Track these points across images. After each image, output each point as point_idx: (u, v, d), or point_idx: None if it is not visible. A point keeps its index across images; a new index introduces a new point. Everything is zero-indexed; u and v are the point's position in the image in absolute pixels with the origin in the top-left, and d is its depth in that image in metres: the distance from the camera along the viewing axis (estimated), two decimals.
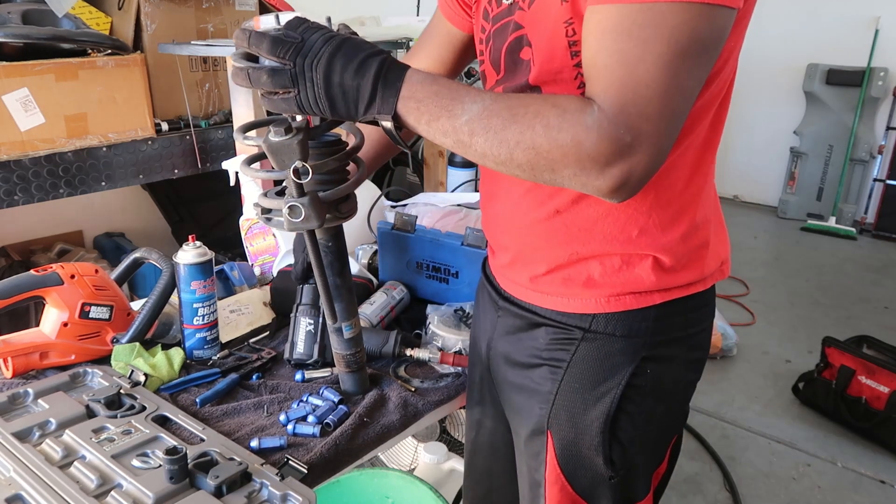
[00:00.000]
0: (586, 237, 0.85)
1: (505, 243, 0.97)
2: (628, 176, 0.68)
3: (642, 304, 0.86)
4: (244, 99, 1.91)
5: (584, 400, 0.89)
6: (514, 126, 0.69)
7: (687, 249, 0.86)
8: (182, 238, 1.87)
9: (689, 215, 0.86)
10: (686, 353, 0.91)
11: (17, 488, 0.80)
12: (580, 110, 0.67)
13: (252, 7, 2.37)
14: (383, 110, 0.72)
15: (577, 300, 0.88)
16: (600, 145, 0.66)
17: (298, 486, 0.82)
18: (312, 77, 0.71)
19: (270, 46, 0.70)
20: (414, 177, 3.51)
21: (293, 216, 0.81)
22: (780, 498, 2.32)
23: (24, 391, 1.01)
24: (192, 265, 1.14)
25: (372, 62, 0.71)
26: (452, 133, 0.72)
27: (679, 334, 0.89)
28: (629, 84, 0.66)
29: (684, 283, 0.87)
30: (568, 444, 0.91)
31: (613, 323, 0.87)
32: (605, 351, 0.88)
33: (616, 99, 0.66)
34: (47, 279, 1.11)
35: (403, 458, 1.86)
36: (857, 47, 4.95)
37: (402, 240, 1.44)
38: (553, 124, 0.68)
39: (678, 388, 0.94)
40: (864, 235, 5.04)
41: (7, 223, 2.44)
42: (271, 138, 0.78)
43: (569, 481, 0.92)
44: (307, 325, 1.15)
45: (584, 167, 0.68)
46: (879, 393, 2.55)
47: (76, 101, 1.86)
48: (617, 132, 0.66)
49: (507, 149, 0.70)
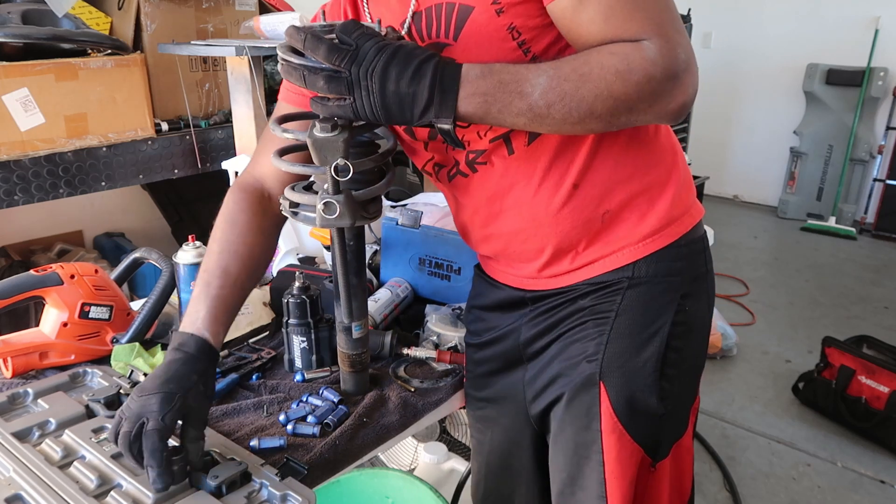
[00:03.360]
0: (607, 193, 0.91)
1: (532, 252, 0.96)
2: (691, 91, 0.76)
3: (674, 236, 0.92)
4: (244, 99, 1.91)
5: (635, 344, 0.92)
6: (587, 84, 0.73)
7: (680, 176, 0.95)
8: (182, 238, 1.87)
9: (677, 150, 0.96)
10: (708, 289, 0.98)
11: (17, 488, 0.80)
12: (637, 49, 0.73)
13: (252, 7, 2.37)
14: (442, 114, 0.74)
15: (616, 257, 0.92)
16: (668, 70, 0.74)
17: (298, 486, 0.82)
18: (369, 86, 0.72)
19: (327, 53, 0.71)
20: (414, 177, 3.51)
21: (328, 212, 0.82)
22: (780, 498, 2.32)
23: (23, 391, 1.01)
24: (192, 265, 1.14)
25: (426, 68, 0.72)
26: (527, 111, 0.75)
27: (702, 270, 0.97)
28: (656, 18, 0.75)
29: (690, 205, 0.96)
30: (622, 389, 0.92)
31: (654, 265, 0.92)
32: (652, 293, 0.92)
33: (656, 31, 0.74)
34: (47, 279, 1.11)
35: (403, 458, 1.86)
36: (857, 47, 4.95)
37: (406, 236, 1.44)
38: (622, 69, 0.73)
39: (705, 323, 1.00)
40: (864, 235, 5.04)
41: (7, 223, 2.44)
42: (317, 133, 0.79)
43: (625, 427, 0.93)
44: (300, 342, 1.15)
45: (660, 96, 0.75)
46: (879, 393, 2.55)
47: (76, 101, 1.86)
48: (675, 54, 0.74)
49: (588, 105, 0.74)
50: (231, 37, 2.32)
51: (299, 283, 1.16)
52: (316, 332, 1.15)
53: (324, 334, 1.16)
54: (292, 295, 1.15)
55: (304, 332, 1.15)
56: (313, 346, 1.15)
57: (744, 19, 5.40)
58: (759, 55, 5.38)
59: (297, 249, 1.58)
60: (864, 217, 5.16)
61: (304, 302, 1.14)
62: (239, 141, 2.02)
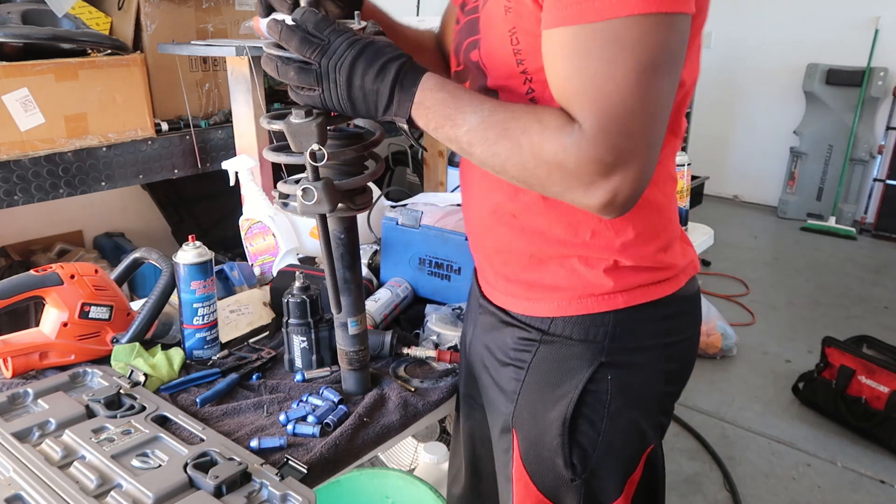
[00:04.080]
0: (542, 241, 0.87)
1: (479, 246, 0.99)
2: (614, 195, 0.69)
3: (603, 308, 0.86)
4: (244, 99, 1.91)
5: (544, 401, 0.90)
6: (504, 141, 0.71)
7: (645, 252, 0.86)
8: (182, 238, 1.87)
9: (645, 218, 0.85)
10: (662, 364, 0.89)
11: (17, 488, 0.80)
12: (560, 129, 0.69)
13: (252, 7, 2.37)
14: (399, 113, 0.75)
15: (539, 303, 0.89)
16: (580, 166, 0.68)
17: (298, 486, 0.82)
18: (336, 79, 0.74)
19: (299, 45, 0.74)
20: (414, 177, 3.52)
21: (306, 198, 0.83)
22: (780, 498, 2.32)
23: (23, 391, 1.01)
24: (192, 265, 1.14)
25: (390, 68, 0.74)
26: (454, 141, 0.75)
27: (649, 342, 0.88)
28: (604, 103, 0.67)
29: (645, 282, 0.86)
30: (531, 443, 0.92)
31: (570, 327, 0.87)
32: (563, 354, 0.88)
33: (594, 120, 0.67)
34: (47, 279, 1.11)
35: (403, 458, 1.86)
36: (857, 47, 4.95)
37: (407, 236, 1.44)
38: (536, 142, 0.69)
39: (649, 399, 0.91)
40: (863, 235, 5.04)
41: (7, 223, 2.44)
42: (292, 120, 0.81)
43: (532, 480, 0.93)
44: (300, 342, 1.15)
45: (570, 185, 0.70)
46: (879, 393, 2.55)
47: (76, 101, 1.86)
48: (597, 153, 0.67)
49: (500, 162, 0.73)
50: (231, 37, 2.32)
51: (299, 283, 1.16)
52: (316, 332, 1.15)
53: (324, 334, 1.16)
54: (292, 295, 1.15)
55: (304, 332, 1.15)
56: (313, 346, 1.15)
57: (744, 19, 5.40)
58: (759, 55, 5.38)
59: (297, 249, 1.58)
60: (864, 217, 5.16)
61: (304, 302, 1.14)
62: (239, 141, 2.02)
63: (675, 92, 0.72)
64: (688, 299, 0.92)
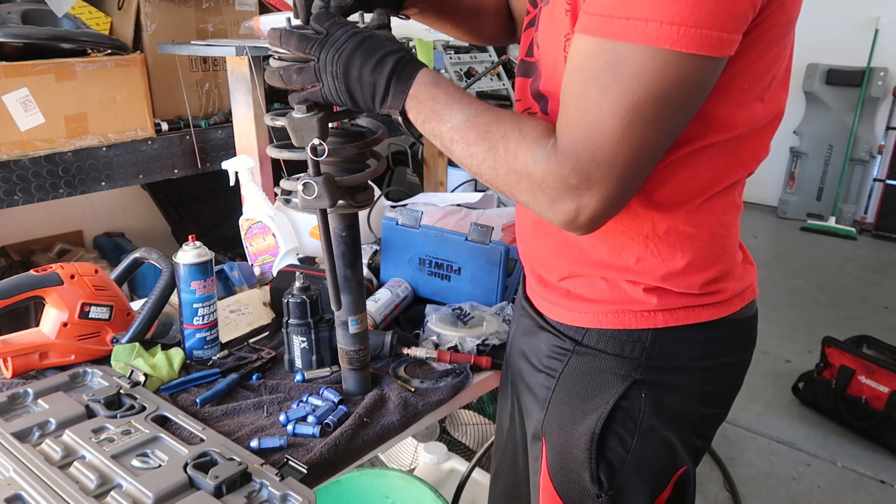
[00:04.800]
0: (583, 259, 0.85)
1: (524, 250, 0.99)
2: (576, 214, 0.69)
3: (640, 325, 0.83)
4: (244, 99, 1.91)
5: (573, 413, 0.88)
6: (483, 143, 0.72)
7: (695, 281, 0.82)
8: (182, 238, 1.87)
9: (699, 248, 0.81)
10: (699, 385, 0.86)
11: (17, 488, 0.80)
12: (536, 141, 0.69)
13: (252, 7, 2.37)
14: (393, 105, 0.75)
15: (575, 313, 0.88)
16: (546, 180, 0.68)
17: (298, 487, 0.82)
18: (334, 71, 0.75)
19: (298, 43, 0.75)
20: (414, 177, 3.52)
21: (307, 193, 0.84)
22: (780, 498, 2.32)
23: (23, 391, 1.01)
24: (192, 265, 1.14)
25: (388, 60, 0.74)
26: (438, 137, 0.75)
27: (690, 363, 0.85)
28: (583, 128, 0.66)
29: (691, 304, 0.83)
30: (558, 454, 0.91)
31: (605, 340, 0.85)
32: (595, 367, 0.86)
33: (569, 140, 0.67)
34: (47, 279, 1.11)
35: (403, 458, 1.87)
36: (857, 47, 4.95)
37: (407, 236, 1.44)
38: (511, 149, 0.70)
39: (685, 420, 0.87)
40: (863, 235, 5.04)
41: (7, 223, 2.44)
42: (294, 115, 0.81)
43: (557, 491, 0.92)
44: (300, 342, 1.15)
45: (535, 197, 0.70)
46: (879, 393, 2.55)
47: (76, 101, 1.85)
48: (562, 171, 0.67)
49: (476, 163, 0.73)
50: (231, 37, 2.32)
51: (299, 283, 1.16)
52: (316, 332, 1.15)
53: (324, 334, 1.16)
54: (292, 295, 1.15)
55: (304, 332, 1.15)
56: (313, 346, 1.15)
57: None
58: None
59: (297, 249, 1.58)
60: (864, 217, 5.17)
61: (304, 302, 1.14)
62: (239, 141, 2.02)
63: (670, 137, 0.68)
64: (739, 323, 0.88)
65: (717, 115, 0.73)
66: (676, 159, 0.76)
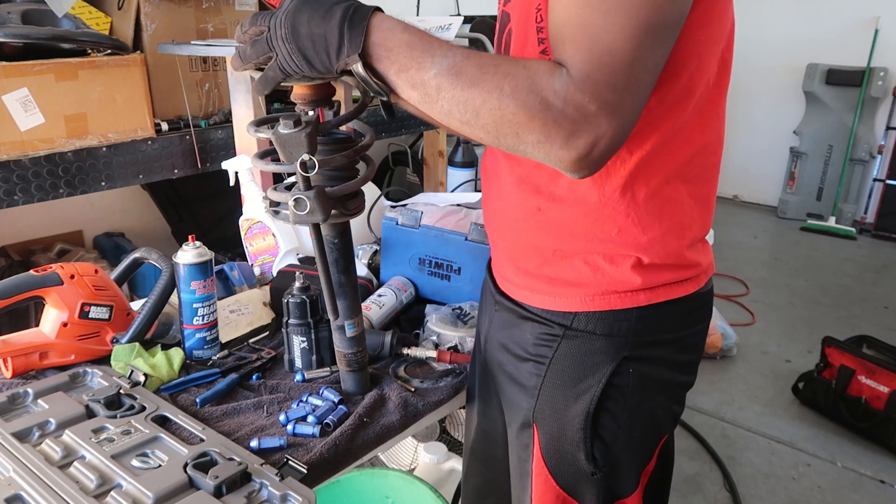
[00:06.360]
0: (567, 236, 0.87)
1: (498, 240, 0.99)
2: (592, 147, 0.67)
3: (626, 305, 0.86)
4: (244, 99, 1.91)
5: (566, 396, 0.90)
6: (482, 84, 0.68)
7: (671, 249, 0.86)
8: (182, 238, 1.87)
9: (672, 216, 0.84)
10: (674, 355, 0.91)
11: (17, 488, 0.80)
12: (549, 73, 0.67)
13: (252, 7, 2.37)
14: (351, 52, 0.71)
15: (561, 298, 0.89)
16: (566, 110, 0.66)
17: (298, 486, 0.82)
18: (283, 34, 0.73)
19: (252, 20, 0.75)
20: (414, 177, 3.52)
21: (298, 209, 0.82)
22: (780, 498, 2.32)
23: (23, 391, 1.01)
24: (192, 265, 1.14)
25: (336, 9, 0.72)
26: (420, 86, 0.71)
27: (668, 336, 0.90)
28: (595, 53, 0.66)
29: (670, 280, 0.87)
30: (552, 438, 0.92)
31: (594, 322, 0.87)
32: (586, 349, 0.88)
33: (583, 66, 0.66)
34: (47, 279, 1.11)
35: (403, 458, 1.86)
36: (856, 47, 4.95)
37: (407, 236, 1.44)
38: (522, 86, 0.67)
39: (666, 389, 0.93)
40: (863, 235, 5.04)
41: (7, 223, 2.44)
42: (280, 130, 0.79)
43: (552, 475, 0.94)
44: (300, 342, 1.15)
45: (549, 134, 0.67)
46: (879, 393, 2.55)
47: (76, 101, 1.86)
48: (583, 99, 0.65)
49: (473, 108, 0.69)
50: (231, 37, 2.32)
51: (299, 283, 1.16)
52: (316, 332, 1.15)
53: (324, 334, 1.16)
54: (292, 295, 1.15)
55: (304, 332, 1.15)
56: (313, 346, 1.15)
57: (744, 19, 5.37)
58: (759, 55, 5.38)
59: (297, 249, 1.58)
60: (863, 217, 5.17)
61: (304, 302, 1.14)
62: (239, 141, 2.02)
63: (663, 63, 0.71)
64: (702, 296, 0.93)
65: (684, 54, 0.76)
66: (654, 119, 0.78)
